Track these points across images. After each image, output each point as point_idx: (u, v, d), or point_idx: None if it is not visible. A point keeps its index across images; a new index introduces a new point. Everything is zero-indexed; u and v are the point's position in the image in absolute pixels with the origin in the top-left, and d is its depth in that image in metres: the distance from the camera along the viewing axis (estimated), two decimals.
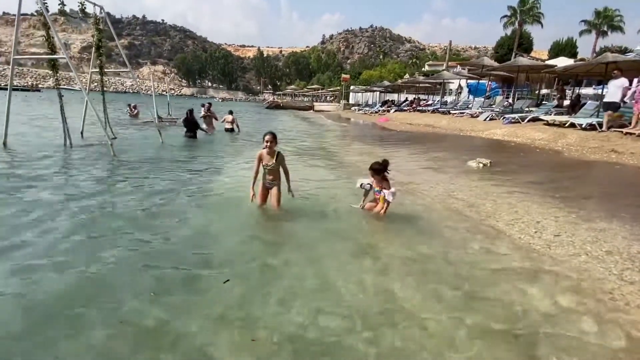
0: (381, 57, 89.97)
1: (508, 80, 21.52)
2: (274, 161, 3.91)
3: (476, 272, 2.80)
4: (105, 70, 9.56)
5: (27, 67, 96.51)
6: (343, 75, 48.03)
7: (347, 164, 7.57)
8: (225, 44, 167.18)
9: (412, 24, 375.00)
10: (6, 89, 6.97)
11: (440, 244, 3.33)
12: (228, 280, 2.55)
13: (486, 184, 5.54)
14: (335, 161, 8.04)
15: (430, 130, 14.91)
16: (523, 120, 12.88)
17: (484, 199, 4.68)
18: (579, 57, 33.72)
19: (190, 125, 10.64)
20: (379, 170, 3.78)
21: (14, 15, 6.32)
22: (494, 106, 17.58)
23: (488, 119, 14.94)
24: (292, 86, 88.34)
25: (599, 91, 13.11)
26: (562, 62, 19.76)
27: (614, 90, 9.54)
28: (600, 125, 9.62)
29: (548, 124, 11.72)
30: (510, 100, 17.70)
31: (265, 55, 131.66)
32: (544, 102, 16.52)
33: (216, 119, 12.48)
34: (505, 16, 37.20)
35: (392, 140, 12.14)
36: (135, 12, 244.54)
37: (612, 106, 9.51)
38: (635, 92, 9.15)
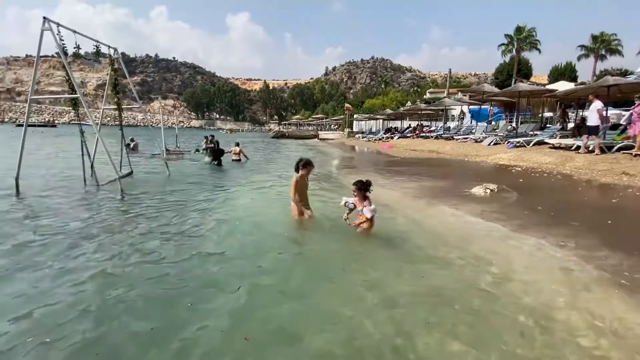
0: (383, 86, 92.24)
1: (509, 105, 21.75)
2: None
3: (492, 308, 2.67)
4: (117, 105, 9.95)
5: (45, 105, 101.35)
6: (346, 105, 49.15)
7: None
8: (233, 77, 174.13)
9: (413, 55, 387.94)
10: (26, 125, 7.19)
11: (452, 276, 3.20)
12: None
13: (494, 213, 5.42)
14: (342, 189, 8.01)
15: (435, 156, 14.93)
16: (528, 144, 12.86)
17: (493, 229, 4.56)
18: (579, 80, 34.22)
19: (216, 153, 11.66)
20: (362, 187, 4.07)
21: (35, 56, 6.72)
22: (497, 130, 17.67)
23: (492, 143, 14.95)
24: (297, 116, 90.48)
25: (604, 113, 13.17)
26: (563, 86, 20.02)
27: (591, 115, 10.10)
28: (610, 148, 9.89)
29: (554, 147, 11.67)
30: (514, 124, 17.80)
31: (271, 88, 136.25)
32: (547, 126, 16.58)
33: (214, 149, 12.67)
34: (503, 44, 38.34)
35: (397, 167, 12.13)
36: (149, 50, 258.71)
37: (593, 130, 10.01)
38: (632, 114, 9.31)
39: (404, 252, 3.83)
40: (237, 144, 13.93)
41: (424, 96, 55.25)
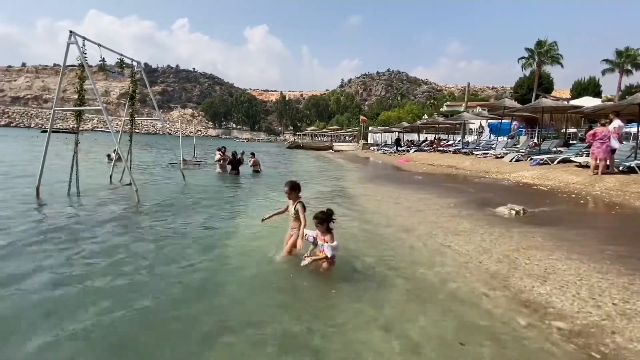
0: (399, 98, 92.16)
1: (531, 120, 21.16)
2: (293, 210, 3.91)
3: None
4: (138, 116, 10.17)
5: (70, 112, 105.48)
6: (361, 117, 49.14)
7: (370, 211, 7.30)
8: (250, 88, 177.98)
9: (429, 67, 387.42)
10: (52, 132, 7.35)
11: (479, 319, 2.92)
12: None
13: (524, 238, 5.08)
14: (357, 207, 7.79)
15: (454, 172, 14.52)
16: (553, 162, 12.33)
17: (526, 259, 4.24)
18: (603, 95, 33.18)
19: (235, 164, 12.26)
20: (323, 219, 3.52)
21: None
22: (518, 146, 17.13)
23: (514, 160, 14.45)
24: (312, 127, 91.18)
25: (634, 130, 12.70)
26: (587, 102, 19.38)
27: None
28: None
29: (580, 165, 11.13)
30: (535, 140, 17.22)
31: (287, 99, 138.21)
32: (572, 142, 15.95)
33: (227, 160, 12.69)
34: (523, 58, 37.68)
35: (414, 183, 11.83)
36: (171, 61, 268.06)
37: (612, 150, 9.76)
38: None
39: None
40: (253, 154, 13.98)
41: (441, 109, 54.73)
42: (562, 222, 5.93)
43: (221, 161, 12.65)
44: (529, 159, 13.77)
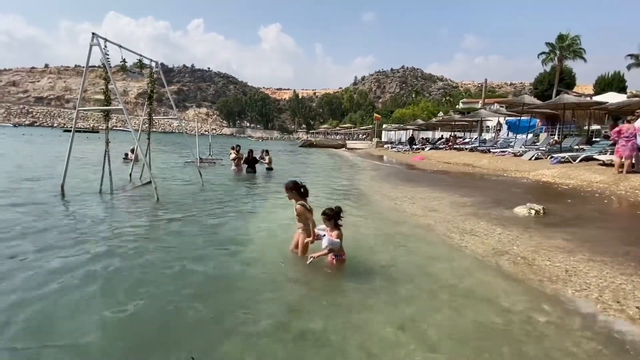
0: (413, 95, 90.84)
1: (551, 117, 20.52)
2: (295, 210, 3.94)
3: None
4: (155, 115, 10.43)
5: (90, 112, 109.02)
6: (375, 115, 48.71)
7: (384, 209, 7.26)
8: (264, 87, 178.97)
9: (444, 64, 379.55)
10: (73, 131, 7.63)
11: (499, 318, 2.88)
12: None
13: (544, 238, 4.95)
14: (371, 205, 7.77)
15: (470, 170, 14.25)
16: (575, 160, 11.94)
17: (546, 260, 4.14)
18: (628, 91, 31.73)
19: (251, 162, 12.47)
20: (330, 216, 3.67)
21: (84, 67, 7.12)
22: (538, 144, 16.65)
23: (534, 158, 14.06)
24: (325, 125, 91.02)
25: None
26: (611, 97, 18.59)
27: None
28: None
29: (604, 164, 10.74)
30: (556, 137, 16.70)
31: (300, 97, 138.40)
32: (595, 140, 15.38)
33: (242, 158, 12.83)
34: (544, 53, 36.48)
35: (429, 181, 11.68)
36: (186, 61, 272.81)
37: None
38: None
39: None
40: (267, 152, 14.15)
41: (457, 106, 53.70)
42: (584, 222, 5.75)
43: (236, 160, 12.83)
44: (549, 157, 13.37)
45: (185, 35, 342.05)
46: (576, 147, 13.93)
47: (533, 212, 6.35)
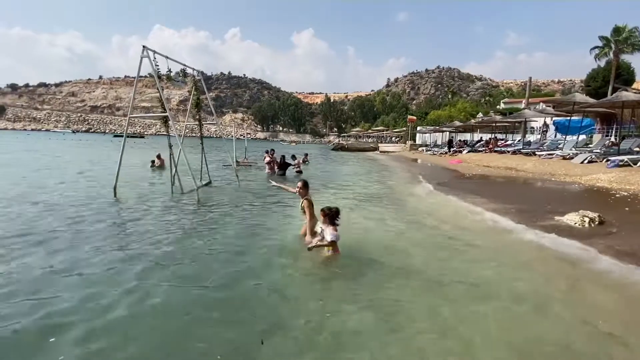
0: (450, 96, 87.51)
1: (607, 117, 18.87)
2: (300, 205, 4.71)
3: None
4: (195, 121, 10.99)
5: (137, 118, 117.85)
6: (409, 117, 47.52)
7: (420, 213, 7.07)
8: (296, 92, 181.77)
9: (483, 62, 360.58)
10: (122, 136, 8.31)
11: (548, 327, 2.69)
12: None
13: (598, 249, 4.54)
14: (407, 209, 7.59)
15: (513, 174, 13.44)
16: (635, 164, 10.87)
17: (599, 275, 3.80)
18: None
19: (282, 166, 13.01)
20: (327, 214, 4.04)
21: (134, 77, 7.70)
22: (591, 146, 15.36)
23: (586, 161, 12.98)
24: (357, 128, 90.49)
25: None
26: None
27: None
28: None
29: None
30: (613, 138, 15.30)
31: (331, 101, 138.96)
32: None
33: (276, 162, 13.25)
34: (597, 47, 33.64)
35: (467, 185, 11.18)
36: (223, 68, 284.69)
37: None
38: None
39: None
40: (294, 157, 14.57)
41: (497, 106, 51.06)
42: None
43: (271, 163, 13.24)
44: (605, 160, 12.27)
45: (223, 43, 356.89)
46: (636, 149, 12.67)
47: (587, 219, 5.83)
